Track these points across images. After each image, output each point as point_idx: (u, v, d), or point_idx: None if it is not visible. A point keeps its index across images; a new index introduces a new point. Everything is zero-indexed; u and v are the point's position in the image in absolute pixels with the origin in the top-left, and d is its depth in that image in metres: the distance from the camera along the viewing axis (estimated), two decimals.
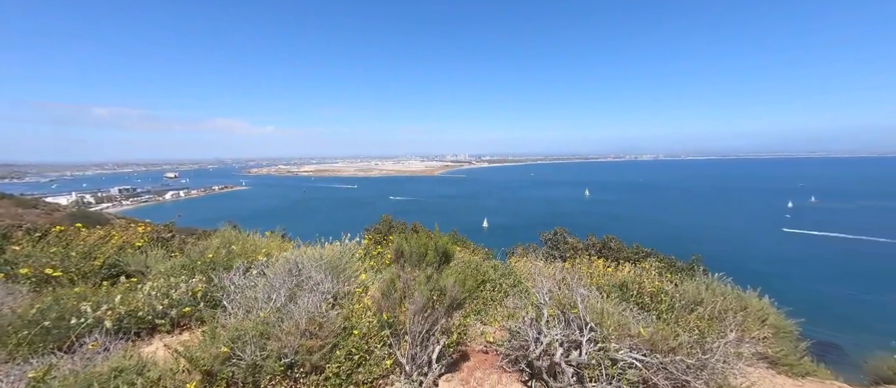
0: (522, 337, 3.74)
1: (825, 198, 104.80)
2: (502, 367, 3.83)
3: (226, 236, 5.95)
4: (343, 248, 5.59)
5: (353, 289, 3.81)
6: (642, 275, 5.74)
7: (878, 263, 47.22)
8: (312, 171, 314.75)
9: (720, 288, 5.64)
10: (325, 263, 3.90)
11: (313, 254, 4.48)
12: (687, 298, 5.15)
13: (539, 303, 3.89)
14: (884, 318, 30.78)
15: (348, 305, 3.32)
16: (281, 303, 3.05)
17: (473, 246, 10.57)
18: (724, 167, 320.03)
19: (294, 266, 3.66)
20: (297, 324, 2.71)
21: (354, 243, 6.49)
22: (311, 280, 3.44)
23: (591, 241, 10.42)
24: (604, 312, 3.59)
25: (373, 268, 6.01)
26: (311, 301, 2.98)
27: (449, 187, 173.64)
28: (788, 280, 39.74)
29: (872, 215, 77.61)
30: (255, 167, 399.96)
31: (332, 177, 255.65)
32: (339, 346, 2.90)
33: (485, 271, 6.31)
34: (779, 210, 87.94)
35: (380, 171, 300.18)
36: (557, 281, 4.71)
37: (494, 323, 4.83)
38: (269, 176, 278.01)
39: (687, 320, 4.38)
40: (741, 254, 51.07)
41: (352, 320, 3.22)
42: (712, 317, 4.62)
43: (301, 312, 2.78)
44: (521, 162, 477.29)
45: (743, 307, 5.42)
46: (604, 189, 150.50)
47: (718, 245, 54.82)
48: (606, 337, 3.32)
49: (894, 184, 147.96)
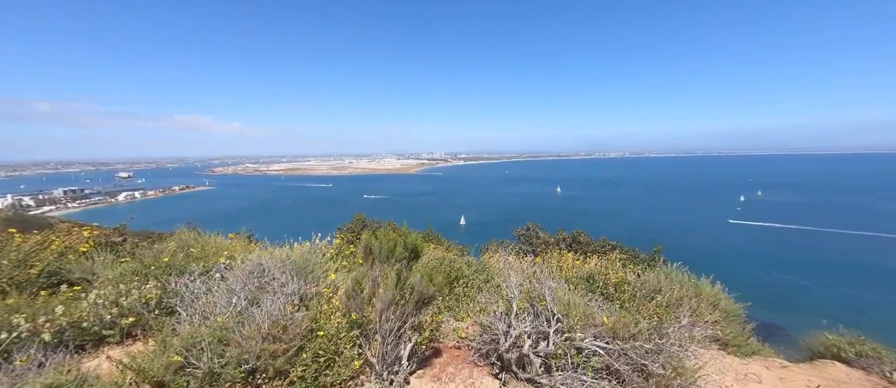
0: (493, 331, 3.80)
1: (771, 192, 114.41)
2: (474, 361, 3.87)
3: (184, 239, 5.60)
4: (313, 248, 5.43)
5: (322, 290, 3.71)
6: (608, 267, 6.00)
7: (811, 250, 52.25)
8: (283, 169, 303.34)
9: (678, 277, 6.00)
10: (291, 264, 3.76)
11: (280, 255, 4.31)
12: (648, 287, 5.44)
13: (509, 297, 3.96)
14: (816, 300, 34.23)
15: (316, 306, 3.22)
16: (242, 307, 2.91)
17: (448, 243, 10.60)
18: (685, 164, 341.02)
19: (257, 268, 3.50)
20: (259, 328, 2.59)
21: (325, 243, 6.33)
22: (275, 282, 3.31)
23: (562, 235, 10.75)
24: (571, 303, 3.72)
25: (345, 268, 5.89)
26: (275, 304, 2.86)
27: (425, 185, 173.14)
28: (735, 267, 43.03)
29: (810, 208, 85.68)
30: (220, 166, 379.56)
31: (304, 176, 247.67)
32: (305, 349, 2.81)
33: (458, 268, 6.35)
34: (731, 203, 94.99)
35: (354, 169, 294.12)
36: (528, 275, 4.83)
37: (467, 319, 4.87)
38: (236, 175, 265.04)
39: (647, 307, 4.63)
40: (696, 244, 54.77)
41: (319, 321, 3.13)
42: (670, 304, 4.91)
43: (263, 315, 2.67)
44: (496, 160, 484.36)
45: (697, 294, 5.80)
46: (574, 186, 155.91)
47: (676, 237, 58.47)
48: (572, 327, 3.44)
49: (833, 178, 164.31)
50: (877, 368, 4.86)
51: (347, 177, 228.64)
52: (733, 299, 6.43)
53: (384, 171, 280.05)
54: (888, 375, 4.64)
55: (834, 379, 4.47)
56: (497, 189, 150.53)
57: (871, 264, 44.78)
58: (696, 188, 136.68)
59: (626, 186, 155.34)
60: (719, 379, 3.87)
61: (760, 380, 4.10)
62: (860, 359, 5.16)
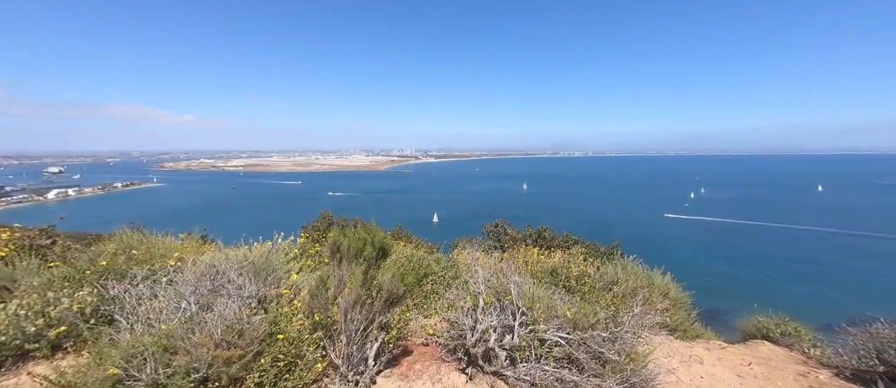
0: (460, 326, 3.84)
1: (716, 189, 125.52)
2: (441, 357, 3.90)
3: (126, 240, 5.12)
4: (274, 248, 5.18)
5: (283, 291, 3.55)
6: (570, 261, 6.27)
7: (745, 242, 58.09)
8: (243, 166, 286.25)
9: (633, 269, 6.41)
10: (249, 265, 3.56)
11: (236, 256, 4.06)
12: (606, 279, 5.76)
13: (476, 292, 4.02)
14: (746, 286, 38.23)
15: (276, 308, 3.08)
16: (192, 312, 2.71)
17: (417, 240, 10.57)
18: (642, 163, 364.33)
19: (210, 271, 3.27)
20: (210, 334, 2.43)
21: (288, 243, 6.06)
22: (231, 285, 3.11)
23: (528, 231, 11.09)
24: (535, 297, 3.85)
25: (309, 268, 5.68)
26: (230, 308, 2.69)
27: (396, 182, 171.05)
28: (681, 257, 46.84)
29: (747, 203, 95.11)
30: (171, 161, 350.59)
31: (266, 172, 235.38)
32: (263, 353, 2.67)
33: (427, 265, 6.35)
34: (681, 199, 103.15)
35: (321, 166, 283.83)
36: (495, 271, 4.93)
37: (435, 315, 4.89)
38: (189, 172, 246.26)
39: (605, 298, 4.90)
40: (647, 236, 59.00)
41: (280, 323, 3.00)
42: (626, 294, 5.23)
43: (216, 320, 2.50)
44: (466, 157, 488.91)
45: (650, 285, 6.24)
46: (541, 183, 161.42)
47: (630, 230, 62.48)
48: (536, 320, 3.57)
49: (766, 176, 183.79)
50: (797, 345, 5.51)
51: (313, 174, 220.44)
52: (681, 288, 7.00)
53: (353, 168, 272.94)
54: (806, 351, 5.26)
55: (763, 357, 4.99)
56: (468, 186, 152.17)
57: (796, 255, 50.60)
58: (650, 186, 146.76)
59: (587, 183, 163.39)
60: (667, 362, 4.18)
61: (702, 361, 4.49)
62: (784, 338, 5.81)
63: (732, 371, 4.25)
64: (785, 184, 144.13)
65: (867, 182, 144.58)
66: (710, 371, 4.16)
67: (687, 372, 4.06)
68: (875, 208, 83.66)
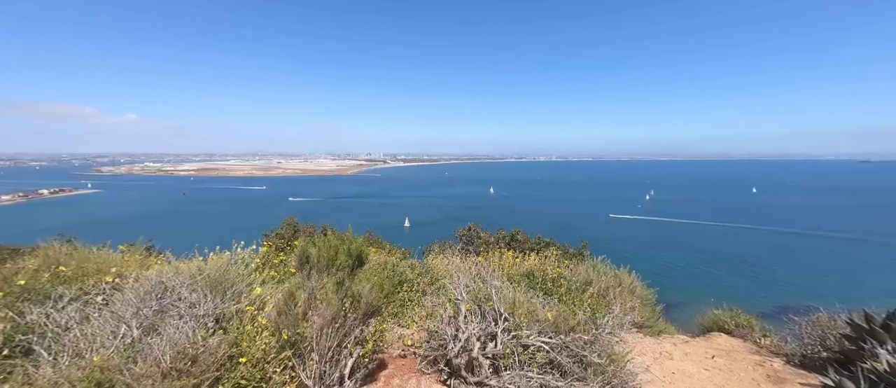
0: (441, 336, 3.68)
1: (663, 191, 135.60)
2: (421, 369, 3.71)
3: (51, 255, 4.41)
4: (233, 259, 4.73)
5: (245, 307, 3.19)
6: (545, 263, 6.33)
7: (690, 238, 63.17)
8: (195, 170, 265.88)
9: (604, 269, 6.61)
10: (204, 279, 3.17)
11: (189, 269, 3.62)
12: (580, 280, 5.86)
13: (457, 299, 3.89)
14: (695, 280, 41.53)
15: (236, 327, 2.74)
16: (133, 338, 2.32)
17: (390, 246, 10.25)
18: (602, 168, 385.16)
19: (156, 287, 2.86)
20: (157, 362, 2.08)
21: (249, 253, 5.59)
22: (182, 303, 2.73)
23: (501, 234, 11.17)
24: (516, 301, 3.78)
25: (273, 279, 5.26)
26: (182, 330, 2.35)
27: (364, 187, 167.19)
28: (639, 255, 49.83)
29: (690, 204, 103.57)
30: (109, 165, 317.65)
31: (224, 177, 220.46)
32: (222, 380, 2.35)
33: (402, 272, 6.12)
34: (635, 201, 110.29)
35: (284, 170, 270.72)
36: (473, 276, 4.83)
37: (412, 325, 4.69)
38: (131, 177, 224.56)
39: (581, 299, 4.97)
40: (608, 236, 62.37)
41: (241, 344, 2.67)
42: (600, 294, 5.35)
43: (164, 345, 2.16)
44: (435, 162, 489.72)
45: (619, 283, 6.45)
46: (508, 186, 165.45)
47: (593, 231, 65.63)
48: (519, 325, 3.49)
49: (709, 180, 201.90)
50: (750, 336, 5.92)
51: (277, 179, 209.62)
52: (646, 285, 7.32)
53: (319, 172, 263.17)
54: (758, 341, 5.66)
55: (723, 348, 5.30)
56: (438, 190, 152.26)
57: (735, 250, 55.67)
58: (609, 189, 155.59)
59: (550, 187, 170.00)
60: (641, 360, 4.29)
61: (672, 356, 4.66)
62: (738, 329, 6.23)
63: (699, 365, 4.45)
64: (725, 187, 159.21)
65: (793, 185, 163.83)
66: (680, 366, 4.32)
67: (660, 369, 4.18)
68: (800, 208, 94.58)
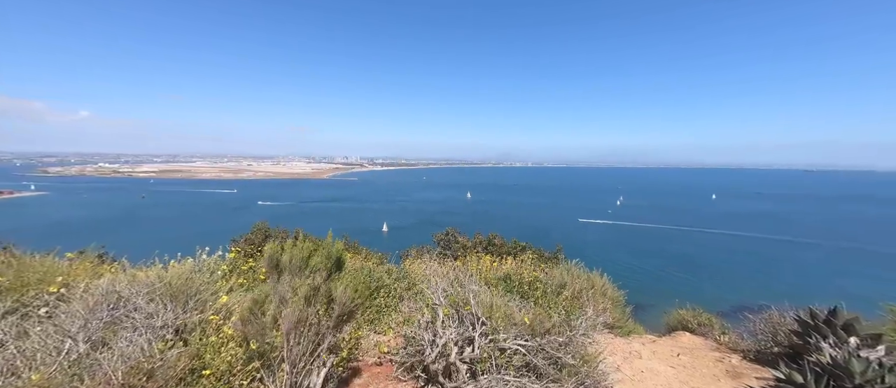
0: (418, 342, 3.64)
1: (632, 197, 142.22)
2: (397, 377, 3.64)
3: None
4: (198, 266, 4.47)
5: (209, 317, 3.01)
6: (522, 267, 6.43)
7: (655, 242, 66.55)
8: (156, 171, 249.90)
9: (577, 272, 6.80)
10: (164, 287, 2.96)
11: (147, 278, 3.38)
12: (555, 283, 5.99)
13: (434, 304, 3.86)
14: (661, 281, 43.76)
15: (199, 338, 2.58)
16: (80, 353, 2.12)
17: (366, 251, 10.06)
18: (575, 174, 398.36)
19: (108, 297, 2.64)
20: (107, 379, 1.91)
21: (215, 260, 5.31)
22: (138, 314, 2.54)
23: (479, 239, 11.25)
24: (493, 305, 3.80)
25: (242, 287, 5.02)
26: (136, 343, 2.17)
27: (340, 191, 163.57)
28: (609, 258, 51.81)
29: (655, 210, 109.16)
30: (58, 166, 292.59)
31: (188, 179, 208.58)
32: None
33: (379, 277, 6.02)
34: (607, 206, 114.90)
35: (255, 173, 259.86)
36: (451, 280, 4.82)
37: (389, 331, 4.61)
38: (83, 178, 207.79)
39: (556, 302, 5.07)
40: (580, 240, 64.49)
41: (204, 357, 2.51)
42: (574, 297, 5.48)
43: (115, 360, 1.99)
44: (413, 166, 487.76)
45: (592, 286, 6.65)
46: (484, 191, 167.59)
47: (566, 235, 67.58)
48: (496, 329, 3.51)
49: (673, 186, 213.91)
50: (710, 334, 6.26)
51: (247, 181, 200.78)
52: (617, 287, 7.60)
53: (292, 175, 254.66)
54: (718, 338, 6.00)
55: (687, 346, 5.58)
56: (416, 194, 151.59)
57: (695, 252, 59.11)
58: (582, 194, 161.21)
59: (525, 192, 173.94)
60: (613, 360, 4.43)
61: (641, 355, 4.85)
62: (700, 328, 6.58)
63: (666, 363, 4.65)
64: (688, 193, 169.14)
65: (748, 193, 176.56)
66: (648, 365, 4.49)
67: (630, 368, 4.33)
68: (753, 214, 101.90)
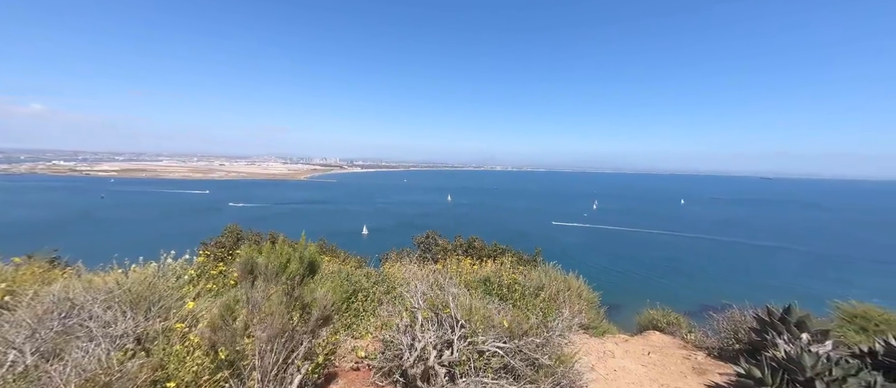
0: (396, 346, 3.59)
1: (606, 201, 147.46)
2: (375, 382, 3.58)
3: None
4: (161, 270, 4.23)
5: (173, 324, 2.85)
6: (501, 269, 6.50)
7: (627, 245, 69.30)
8: (117, 170, 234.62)
9: (555, 274, 6.95)
10: (123, 294, 2.77)
11: (104, 283, 3.15)
12: (533, 285, 6.10)
13: (413, 307, 3.83)
14: (632, 281, 45.55)
15: (162, 347, 2.43)
16: (27, 364, 1.95)
17: (344, 254, 9.87)
18: (552, 178, 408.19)
19: (60, 305, 2.44)
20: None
21: (181, 263, 5.04)
22: (94, 322, 2.36)
23: (459, 242, 11.29)
24: (472, 308, 3.82)
25: (210, 292, 4.79)
26: (93, 353, 2.02)
27: (318, 193, 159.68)
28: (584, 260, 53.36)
29: (628, 214, 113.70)
30: (5, 163, 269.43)
31: (154, 179, 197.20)
32: None
33: (357, 280, 5.91)
34: (582, 210, 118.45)
35: (227, 173, 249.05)
36: (430, 283, 4.80)
37: (367, 336, 4.53)
38: (33, 176, 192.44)
39: (534, 304, 5.16)
40: (558, 242, 66.14)
41: (168, 367, 2.37)
42: (551, 298, 5.60)
43: (68, 372, 1.84)
44: (393, 168, 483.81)
45: (569, 287, 6.82)
46: (465, 194, 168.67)
47: (543, 238, 69.09)
48: (475, 331, 3.53)
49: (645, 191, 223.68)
50: (678, 332, 6.55)
51: (218, 182, 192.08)
52: (592, 289, 7.83)
53: (267, 176, 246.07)
54: (685, 336, 6.29)
55: (657, 345, 5.81)
56: (396, 197, 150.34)
57: (665, 254, 61.95)
58: (559, 198, 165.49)
59: (505, 196, 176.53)
60: (587, 359, 4.55)
61: (614, 354, 5.01)
62: (669, 327, 6.87)
63: (637, 361, 4.82)
64: (658, 198, 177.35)
65: (715, 197, 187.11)
66: (620, 364, 4.64)
67: (604, 367, 4.46)
68: (719, 218, 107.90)
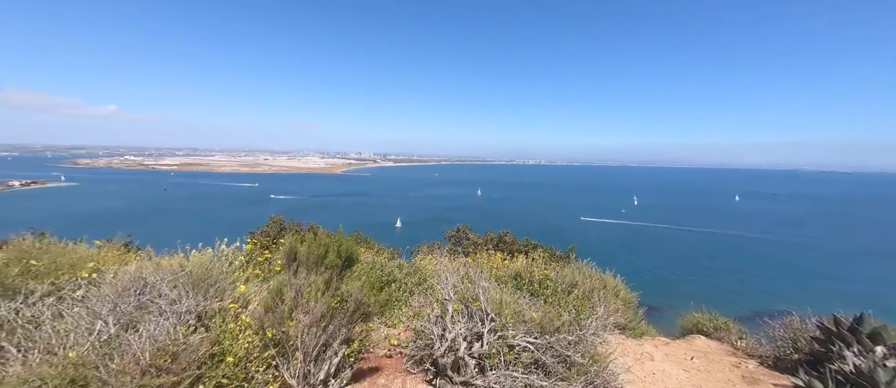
0: (428, 336, 3.69)
1: (646, 196, 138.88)
2: (407, 369, 3.71)
3: (22, 249, 4.23)
4: (216, 256, 4.63)
5: (228, 305, 3.13)
6: (532, 265, 6.41)
7: (676, 244, 64.88)
8: (178, 164, 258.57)
9: (589, 272, 6.73)
10: (186, 275, 3.09)
11: (170, 266, 3.53)
12: (566, 282, 5.96)
13: (444, 299, 3.90)
14: (682, 284, 42.64)
15: (219, 325, 2.69)
16: (110, 334, 2.25)
17: (378, 246, 10.20)
18: (587, 172, 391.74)
19: (136, 283, 2.78)
20: (136, 359, 2.03)
21: (233, 250, 5.49)
22: (162, 299, 2.66)
23: (490, 236, 11.24)
24: (502, 302, 3.82)
25: (258, 277, 5.17)
26: (162, 326, 2.29)
27: (354, 186, 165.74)
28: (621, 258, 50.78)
29: (674, 209, 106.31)
30: (87, 157, 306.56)
31: (207, 172, 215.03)
32: (203, 378, 2.30)
33: (390, 271, 6.11)
34: (621, 205, 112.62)
35: (270, 167, 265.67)
36: (461, 276, 4.85)
37: (399, 324, 4.68)
38: (110, 170, 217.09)
39: (567, 301, 5.05)
40: (593, 239, 63.50)
41: (224, 342, 2.62)
42: (585, 296, 5.44)
43: (144, 342, 2.10)
44: (425, 162, 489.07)
45: (604, 286, 6.58)
46: (496, 188, 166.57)
47: (576, 234, 66.64)
48: (505, 325, 3.53)
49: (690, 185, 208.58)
50: (727, 338, 6.11)
51: (263, 175, 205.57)
52: (629, 288, 7.49)
53: (306, 170, 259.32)
54: (734, 343, 5.85)
55: (701, 350, 5.46)
56: (427, 190, 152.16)
57: (723, 257, 57.39)
58: (595, 193, 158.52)
59: (537, 189, 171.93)
60: (623, 360, 4.38)
61: (653, 357, 4.78)
62: (716, 332, 6.42)
63: (679, 366, 4.57)
64: (708, 193, 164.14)
65: (777, 194, 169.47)
66: (660, 367, 4.43)
67: (641, 369, 4.28)
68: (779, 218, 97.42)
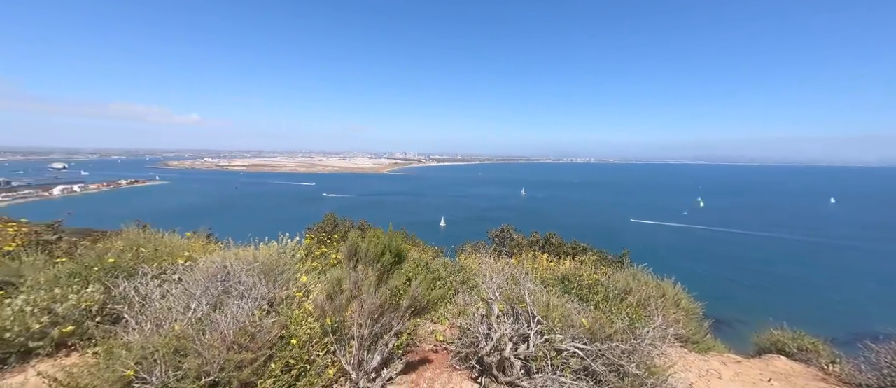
0: (473, 334, 3.74)
1: (713, 197, 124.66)
2: (453, 365, 3.80)
3: (133, 238, 5.07)
4: (281, 248, 5.13)
5: (293, 293, 3.47)
6: (581, 268, 6.15)
7: (751, 252, 57.42)
8: (246, 165, 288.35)
9: (644, 278, 6.29)
10: (259, 265, 3.49)
11: (245, 256, 4.00)
12: (619, 287, 5.64)
13: (489, 299, 3.92)
14: (754, 295, 37.74)
15: (286, 311, 3.00)
16: (202, 313, 2.63)
17: (424, 245, 10.48)
18: (643, 171, 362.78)
19: (220, 270, 3.21)
20: (223, 336, 2.35)
21: (295, 243, 6.01)
22: (241, 285, 3.04)
23: (535, 237, 10.98)
24: (549, 305, 3.74)
25: (315, 269, 5.62)
26: (242, 309, 2.62)
27: (400, 185, 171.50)
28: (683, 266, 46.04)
29: (752, 212, 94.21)
30: (175, 160, 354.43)
31: (270, 172, 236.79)
32: (274, 358, 2.59)
33: (435, 269, 6.27)
34: (685, 206, 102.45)
35: (324, 167, 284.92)
36: (506, 277, 4.83)
37: (444, 321, 4.80)
38: (193, 170, 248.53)
39: (619, 308, 4.78)
40: (650, 243, 58.53)
41: (290, 327, 2.92)
42: (640, 304, 5.11)
43: (228, 322, 2.43)
44: (469, 162, 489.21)
45: (662, 294, 6.11)
46: (540, 188, 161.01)
47: (632, 237, 61.90)
48: (552, 329, 3.46)
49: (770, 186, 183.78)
50: (815, 361, 5.34)
51: (318, 175, 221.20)
52: (692, 298, 6.85)
53: (357, 170, 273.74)
54: (825, 367, 5.10)
55: (781, 372, 4.85)
56: (471, 190, 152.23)
57: (810, 266, 49.89)
58: (650, 192, 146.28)
59: (585, 189, 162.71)
60: (685, 376, 4.06)
61: (721, 375, 4.35)
62: (801, 353, 5.64)
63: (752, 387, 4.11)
64: (795, 194, 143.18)
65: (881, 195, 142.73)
66: (729, 387, 4.02)
67: (706, 387, 3.93)
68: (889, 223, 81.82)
